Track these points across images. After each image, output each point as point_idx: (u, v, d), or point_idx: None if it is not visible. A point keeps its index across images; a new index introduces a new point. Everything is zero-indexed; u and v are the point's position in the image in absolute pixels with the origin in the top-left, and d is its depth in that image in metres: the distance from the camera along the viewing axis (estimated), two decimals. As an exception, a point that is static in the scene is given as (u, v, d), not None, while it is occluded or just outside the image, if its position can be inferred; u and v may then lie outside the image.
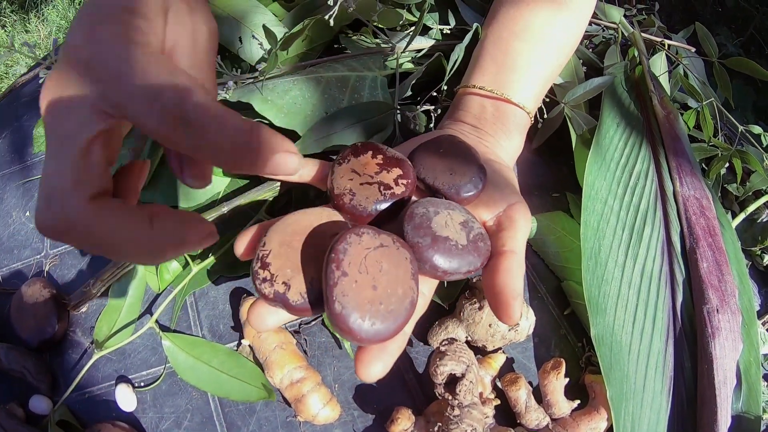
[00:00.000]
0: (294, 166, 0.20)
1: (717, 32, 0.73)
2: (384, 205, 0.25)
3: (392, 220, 0.26)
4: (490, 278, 0.24)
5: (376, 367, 0.22)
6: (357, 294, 0.21)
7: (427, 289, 0.26)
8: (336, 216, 0.25)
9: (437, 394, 0.30)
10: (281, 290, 0.22)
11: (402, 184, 0.26)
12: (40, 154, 0.43)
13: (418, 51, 0.41)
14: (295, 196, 0.37)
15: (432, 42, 0.41)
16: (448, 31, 0.42)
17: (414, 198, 0.28)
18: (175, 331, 0.35)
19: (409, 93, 0.40)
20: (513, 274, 0.24)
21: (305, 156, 0.30)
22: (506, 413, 0.32)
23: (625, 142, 0.41)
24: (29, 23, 1.11)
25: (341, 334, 0.21)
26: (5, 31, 1.06)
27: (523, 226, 0.26)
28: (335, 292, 0.21)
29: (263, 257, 0.23)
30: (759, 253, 0.44)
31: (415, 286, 0.22)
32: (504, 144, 0.33)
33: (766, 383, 0.41)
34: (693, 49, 0.50)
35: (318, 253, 0.23)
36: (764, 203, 0.45)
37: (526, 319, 0.33)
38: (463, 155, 0.28)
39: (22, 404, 0.35)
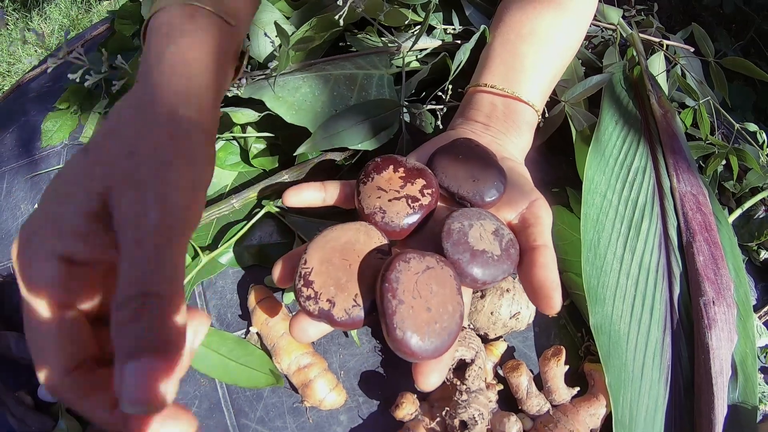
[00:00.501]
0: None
1: (717, 35, 0.76)
2: (414, 218, 0.27)
3: (422, 228, 0.28)
4: (528, 274, 0.26)
5: (434, 377, 0.24)
6: (415, 319, 0.23)
7: (467, 298, 0.28)
8: (372, 230, 0.27)
9: (445, 379, 0.32)
10: (326, 308, 0.24)
11: (427, 194, 0.28)
12: (48, 147, 0.45)
13: (423, 50, 0.43)
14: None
15: (438, 42, 0.43)
16: (453, 32, 0.44)
17: (439, 203, 0.30)
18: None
19: (413, 91, 0.42)
20: (549, 267, 0.26)
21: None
22: (508, 400, 0.34)
23: (624, 139, 0.44)
24: (31, 21, 1.13)
25: (404, 356, 0.23)
26: (7, 29, 1.09)
27: (547, 220, 0.29)
28: (395, 320, 0.23)
29: (305, 275, 0.25)
30: (755, 248, 0.46)
31: (462, 300, 0.25)
32: (515, 141, 0.35)
33: (762, 375, 0.43)
34: (691, 49, 0.52)
35: (358, 269, 0.25)
36: (761, 200, 0.47)
37: (526, 308, 0.35)
38: (483, 160, 0.30)
39: (30, 392, 0.36)
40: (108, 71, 0.35)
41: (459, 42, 0.41)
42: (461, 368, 0.32)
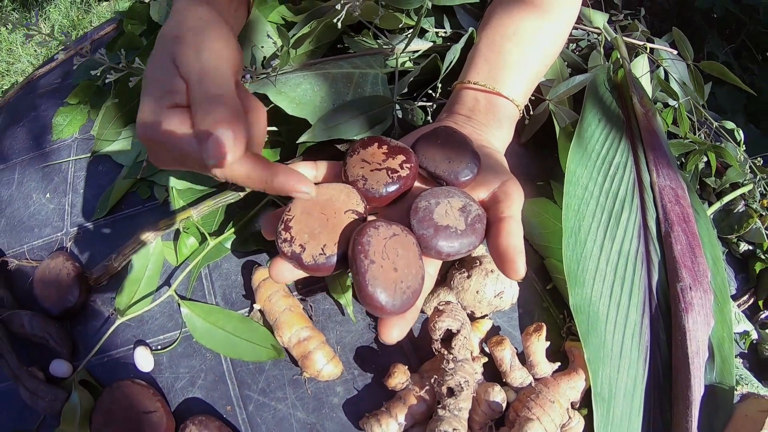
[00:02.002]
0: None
1: (708, 40, 0.83)
2: (393, 188, 0.33)
3: (399, 200, 0.34)
4: (494, 242, 0.31)
5: (396, 331, 0.29)
6: (384, 277, 0.28)
7: (433, 269, 0.33)
8: (352, 192, 0.32)
9: (434, 350, 0.38)
10: (297, 251, 0.29)
11: (406, 167, 0.33)
12: (59, 141, 0.51)
13: (416, 52, 0.50)
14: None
15: (429, 44, 0.50)
16: (444, 35, 0.51)
17: (417, 183, 0.35)
18: (191, 299, 0.42)
19: (406, 90, 0.48)
20: (514, 235, 0.31)
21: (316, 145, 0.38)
22: (493, 373, 0.40)
23: (606, 135, 0.50)
24: (31, 21, 1.20)
25: (373, 311, 0.28)
26: (7, 29, 1.16)
27: (516, 196, 0.34)
28: (367, 277, 0.27)
29: (287, 221, 0.30)
30: (735, 241, 0.53)
31: (422, 264, 0.30)
32: (495, 133, 0.41)
33: (740, 360, 0.48)
34: (675, 52, 0.59)
35: (332, 224, 0.30)
36: (741, 195, 0.53)
37: (510, 288, 0.40)
38: (459, 144, 0.35)
39: (43, 368, 0.41)
40: (128, 68, 0.41)
41: (449, 44, 0.48)
42: (448, 339, 0.37)
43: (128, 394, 0.38)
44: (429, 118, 0.46)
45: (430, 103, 0.45)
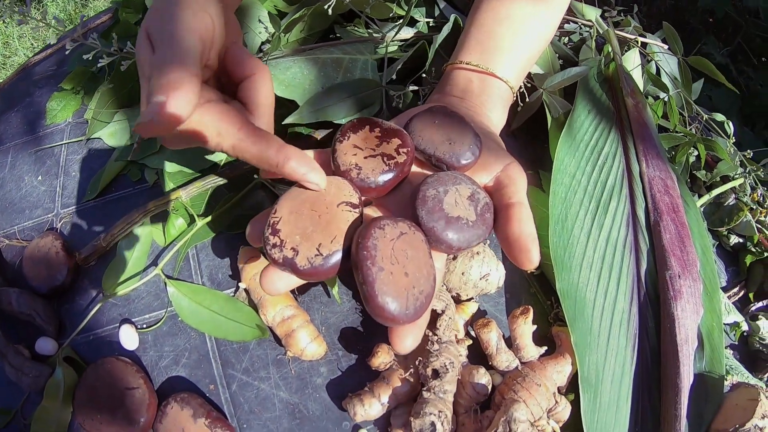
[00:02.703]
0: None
1: (705, 42, 0.84)
2: (390, 176, 0.30)
3: (397, 189, 0.31)
4: (504, 230, 0.29)
5: (410, 340, 0.28)
6: (395, 285, 0.25)
7: (441, 263, 0.31)
8: (343, 183, 0.29)
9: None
10: (290, 255, 0.26)
11: (403, 152, 0.30)
12: (52, 125, 0.52)
13: (405, 40, 0.51)
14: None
15: (415, 30, 0.50)
16: (434, 24, 0.52)
17: (415, 167, 0.33)
18: (177, 279, 0.42)
19: (394, 77, 0.49)
20: (525, 221, 0.29)
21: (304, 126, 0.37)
22: (479, 356, 0.39)
23: (596, 126, 0.51)
24: (30, 14, 1.23)
25: (384, 322, 0.26)
26: (4, 23, 1.18)
27: (521, 181, 0.33)
28: (376, 287, 0.24)
29: (274, 224, 0.27)
30: (726, 233, 0.53)
31: (433, 263, 0.28)
32: (490, 115, 0.40)
33: (731, 352, 0.48)
34: (666, 47, 0.60)
35: (326, 221, 0.27)
36: (731, 188, 0.54)
37: (496, 271, 0.41)
38: (459, 124, 0.33)
39: (28, 346, 0.42)
40: (119, 54, 0.42)
41: (437, 33, 0.49)
42: (433, 320, 0.37)
43: (112, 370, 0.38)
44: (420, 102, 0.46)
45: (420, 88, 0.46)
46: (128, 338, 0.40)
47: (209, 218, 0.43)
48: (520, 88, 0.46)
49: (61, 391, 0.38)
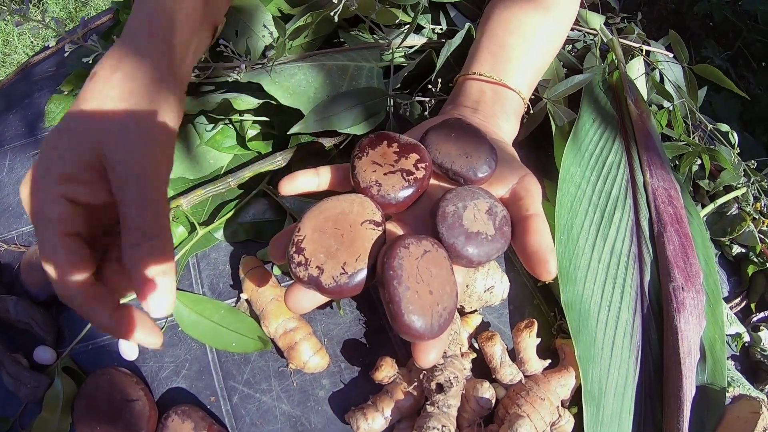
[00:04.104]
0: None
1: (705, 45, 0.83)
2: (409, 191, 0.30)
3: (416, 203, 0.31)
4: (522, 242, 0.29)
5: (433, 354, 0.27)
6: (420, 304, 0.25)
7: (461, 277, 0.31)
8: (366, 202, 0.29)
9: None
10: (315, 274, 0.26)
11: (421, 168, 0.31)
12: (51, 128, 0.50)
13: (411, 47, 0.49)
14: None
15: (424, 39, 0.49)
16: (440, 31, 0.51)
17: (432, 180, 0.33)
18: (178, 289, 0.41)
19: (399, 85, 0.48)
20: (543, 233, 0.29)
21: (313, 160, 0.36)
22: (482, 369, 0.39)
23: (600, 135, 0.50)
24: (28, 13, 1.21)
25: (410, 338, 0.26)
26: (4, 21, 1.16)
27: (537, 192, 0.32)
28: (403, 306, 0.25)
29: (298, 242, 0.27)
30: (728, 243, 0.52)
31: (455, 279, 0.28)
32: (502, 125, 0.39)
33: (733, 362, 0.48)
34: (671, 55, 0.59)
35: (350, 239, 0.27)
36: (734, 197, 0.53)
37: (500, 283, 0.40)
38: (474, 137, 0.33)
39: (26, 355, 0.40)
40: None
41: (444, 40, 0.47)
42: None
43: (112, 381, 0.37)
44: (426, 113, 0.45)
45: (428, 98, 0.45)
46: (128, 348, 0.39)
47: (210, 227, 0.42)
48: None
49: (60, 402, 0.37)
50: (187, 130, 0.45)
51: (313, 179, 0.34)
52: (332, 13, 0.43)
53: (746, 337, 0.48)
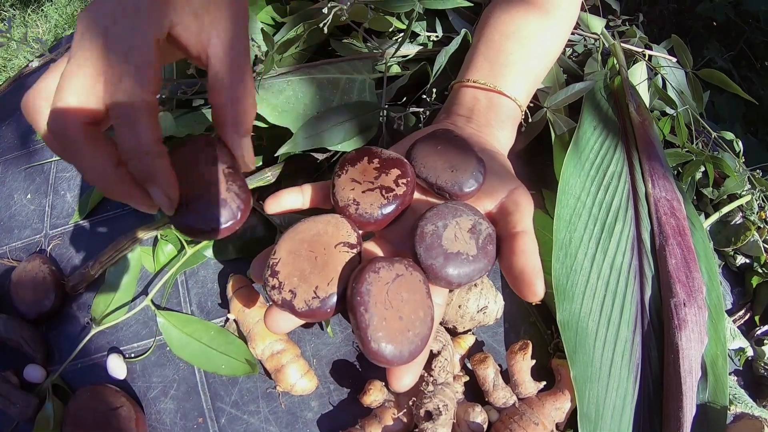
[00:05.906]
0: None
1: (707, 46, 0.79)
2: (389, 209, 0.28)
3: (399, 219, 0.29)
4: (508, 261, 0.27)
5: (407, 379, 0.26)
6: (388, 330, 0.24)
7: (441, 299, 0.29)
8: (341, 222, 0.28)
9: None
10: (288, 297, 0.26)
11: (402, 183, 0.29)
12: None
13: (406, 56, 0.46)
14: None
15: (419, 47, 0.46)
16: (436, 39, 0.48)
17: (417, 194, 0.31)
18: (166, 308, 0.39)
19: (393, 96, 0.45)
20: (530, 253, 0.27)
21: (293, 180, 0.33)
22: (475, 392, 0.36)
23: (601, 144, 0.47)
24: (28, 18, 1.19)
25: (379, 364, 0.25)
26: (3, 25, 1.14)
27: (527, 207, 0.30)
28: (369, 333, 0.24)
29: (273, 265, 0.26)
30: (732, 253, 0.49)
31: (432, 303, 0.26)
32: (497, 134, 0.37)
33: (735, 377, 0.45)
34: (674, 59, 0.55)
35: (323, 262, 0.26)
36: (738, 206, 0.50)
37: (494, 303, 0.37)
38: (461, 150, 0.31)
39: (17, 373, 0.39)
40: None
41: (440, 48, 0.44)
42: (428, 360, 0.34)
43: (93, 395, 0.36)
44: (421, 125, 0.42)
45: (422, 109, 0.42)
46: (116, 368, 0.37)
47: (200, 245, 0.40)
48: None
49: (51, 423, 0.36)
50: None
51: (298, 197, 0.32)
52: (322, 25, 0.40)
53: (750, 352, 0.45)
